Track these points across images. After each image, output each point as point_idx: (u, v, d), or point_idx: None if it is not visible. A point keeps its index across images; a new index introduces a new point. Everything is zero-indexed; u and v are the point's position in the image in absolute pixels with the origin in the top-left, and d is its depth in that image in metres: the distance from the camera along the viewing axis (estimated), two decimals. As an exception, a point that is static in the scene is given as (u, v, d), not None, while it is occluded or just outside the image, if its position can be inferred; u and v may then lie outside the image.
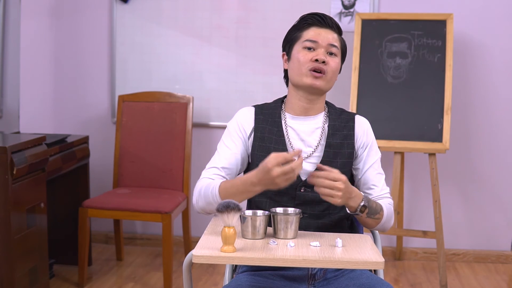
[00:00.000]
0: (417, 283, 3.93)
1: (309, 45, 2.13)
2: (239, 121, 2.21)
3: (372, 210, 2.06)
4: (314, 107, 2.18)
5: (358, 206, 2.01)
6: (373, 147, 2.21)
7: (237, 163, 2.18)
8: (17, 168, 2.93)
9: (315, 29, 2.15)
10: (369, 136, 2.21)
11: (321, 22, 2.15)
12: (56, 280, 3.78)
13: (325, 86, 2.15)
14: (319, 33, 2.14)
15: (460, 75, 4.18)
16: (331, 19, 2.17)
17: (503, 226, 4.33)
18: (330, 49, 2.14)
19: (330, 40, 2.14)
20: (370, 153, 2.19)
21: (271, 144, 2.16)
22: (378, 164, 2.21)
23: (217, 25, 4.32)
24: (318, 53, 2.12)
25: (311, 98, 2.17)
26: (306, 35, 2.15)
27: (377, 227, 2.12)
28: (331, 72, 2.14)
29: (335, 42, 2.15)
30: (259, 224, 1.89)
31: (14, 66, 3.85)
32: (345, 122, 2.19)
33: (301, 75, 2.14)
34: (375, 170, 2.19)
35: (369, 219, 2.07)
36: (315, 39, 2.13)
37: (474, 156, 4.28)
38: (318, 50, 2.13)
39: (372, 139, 2.22)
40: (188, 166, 4.04)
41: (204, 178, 2.14)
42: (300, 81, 2.14)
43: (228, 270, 2.17)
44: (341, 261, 1.76)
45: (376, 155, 2.21)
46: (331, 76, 2.15)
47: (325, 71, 2.12)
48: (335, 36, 2.16)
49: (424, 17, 3.96)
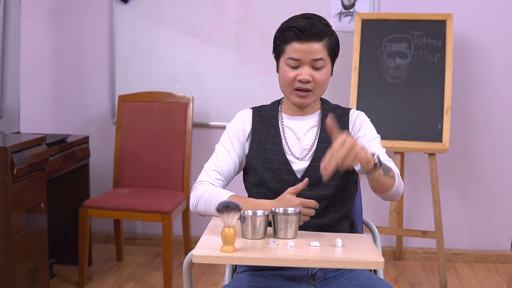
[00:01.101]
0: (417, 283, 3.93)
1: (292, 63, 2.08)
2: (238, 124, 2.22)
3: (385, 166, 1.96)
4: (307, 108, 2.19)
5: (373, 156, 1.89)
6: (368, 130, 2.16)
7: (235, 166, 2.19)
8: (17, 168, 2.93)
9: (296, 44, 2.06)
10: (361, 121, 2.18)
11: (301, 36, 2.05)
12: (56, 280, 3.78)
13: (313, 101, 2.14)
14: (301, 49, 2.06)
15: (460, 75, 4.18)
16: (311, 28, 2.05)
17: (503, 226, 4.33)
18: (314, 64, 2.08)
19: (313, 55, 2.06)
20: (366, 134, 2.15)
21: (267, 145, 2.16)
22: (376, 142, 2.14)
23: (217, 25, 4.32)
24: (302, 72, 2.07)
25: (302, 107, 2.18)
26: (288, 51, 2.08)
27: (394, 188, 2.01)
28: (319, 85, 2.10)
29: (319, 54, 2.07)
30: (259, 224, 1.89)
31: (14, 66, 3.85)
32: (339, 116, 2.18)
33: (287, 93, 2.14)
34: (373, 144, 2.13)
35: (387, 177, 1.96)
36: (297, 57, 2.07)
37: (474, 156, 4.28)
38: (302, 68, 2.08)
39: (365, 123, 2.17)
40: (188, 166, 4.04)
41: (205, 183, 2.15)
42: (288, 97, 2.15)
43: (228, 270, 2.18)
44: (341, 261, 1.76)
45: (372, 135, 2.15)
46: (320, 89, 2.12)
47: (311, 88, 2.10)
48: (318, 46, 2.07)
49: (424, 17, 3.96)
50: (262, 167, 2.14)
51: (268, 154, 2.15)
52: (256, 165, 2.16)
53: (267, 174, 2.13)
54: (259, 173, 2.14)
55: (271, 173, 2.13)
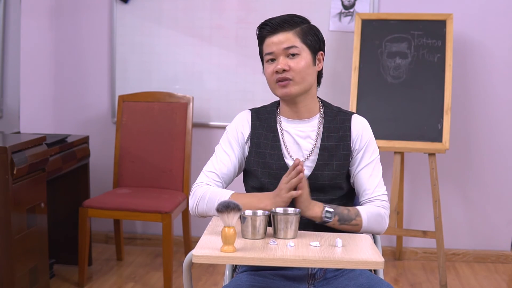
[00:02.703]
0: (417, 283, 3.93)
1: (269, 57, 2.14)
2: (237, 126, 2.22)
3: (344, 217, 2.04)
4: (303, 110, 2.17)
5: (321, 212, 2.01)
6: (369, 148, 2.16)
7: (234, 169, 2.20)
8: (17, 168, 2.93)
9: (268, 39, 2.14)
10: (365, 136, 2.17)
11: (269, 30, 2.14)
12: (56, 280, 3.78)
13: (298, 90, 2.13)
14: (272, 41, 2.13)
15: (460, 75, 4.18)
16: (277, 20, 2.14)
17: (503, 226, 4.33)
18: (288, 52, 2.11)
19: (283, 44, 2.11)
20: (365, 154, 2.15)
21: (266, 150, 2.16)
22: (372, 166, 2.15)
23: (217, 25, 4.32)
24: (277, 63, 2.12)
25: (294, 103, 2.17)
26: (264, 49, 2.16)
27: (361, 231, 2.09)
28: (298, 73, 2.11)
29: (290, 43, 2.11)
30: (259, 224, 1.89)
31: (14, 66, 3.85)
32: (341, 123, 2.17)
33: (273, 89, 2.17)
34: (368, 172, 2.14)
35: (344, 226, 2.05)
36: (270, 50, 2.13)
37: (474, 156, 4.29)
38: (278, 59, 2.12)
39: (368, 139, 2.17)
40: (188, 166, 4.04)
41: (205, 184, 2.15)
42: (275, 94, 2.17)
43: (228, 270, 2.18)
44: (341, 261, 1.76)
45: (372, 156, 2.16)
46: (300, 77, 2.12)
47: (291, 77, 2.11)
48: (288, 35, 2.12)
49: (424, 17, 3.96)
50: (262, 172, 2.14)
51: (267, 159, 2.14)
52: (255, 170, 2.16)
53: (266, 179, 2.13)
54: (258, 178, 2.14)
55: (271, 178, 2.13)
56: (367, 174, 2.14)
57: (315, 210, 2.02)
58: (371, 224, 2.08)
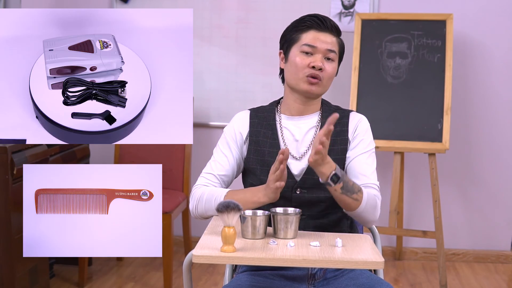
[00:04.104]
0: (417, 283, 3.93)
1: (307, 49, 2.12)
2: (235, 127, 2.21)
3: (348, 187, 1.98)
4: (309, 108, 2.19)
5: (329, 173, 1.94)
6: (366, 138, 2.16)
7: (233, 170, 2.19)
8: (17, 168, 2.93)
9: (314, 32, 2.13)
10: (362, 127, 2.17)
11: (320, 25, 2.13)
12: (56, 280, 3.78)
13: (320, 91, 2.15)
14: (318, 37, 2.12)
15: (460, 75, 4.18)
16: (330, 21, 2.15)
17: (502, 226, 4.33)
18: (327, 55, 2.12)
19: (328, 45, 2.12)
20: (362, 143, 2.15)
21: (265, 148, 2.16)
22: (368, 155, 2.15)
23: (217, 25, 4.32)
24: (316, 59, 2.11)
25: (306, 101, 2.17)
26: (304, 39, 2.13)
27: (357, 211, 2.03)
28: (327, 78, 2.13)
29: (333, 47, 2.13)
30: (259, 224, 1.89)
31: (14, 66, 3.85)
32: (339, 119, 2.17)
33: (297, 80, 2.14)
34: (364, 159, 2.13)
35: (345, 196, 1.99)
36: (313, 43, 2.11)
37: (474, 156, 4.29)
38: (316, 55, 2.11)
39: (366, 130, 2.18)
40: (188, 166, 4.04)
41: (202, 185, 2.15)
42: (296, 86, 2.14)
43: (228, 270, 2.18)
44: (341, 261, 1.76)
45: (368, 146, 2.16)
46: (327, 81, 2.14)
47: (321, 78, 2.12)
48: (333, 40, 2.14)
49: (424, 17, 3.96)
50: (261, 170, 2.14)
51: (266, 156, 2.14)
52: (254, 168, 2.16)
53: (265, 177, 2.12)
54: (258, 176, 2.14)
55: None
56: (363, 160, 2.13)
57: (326, 168, 1.95)
58: (368, 207, 2.04)
